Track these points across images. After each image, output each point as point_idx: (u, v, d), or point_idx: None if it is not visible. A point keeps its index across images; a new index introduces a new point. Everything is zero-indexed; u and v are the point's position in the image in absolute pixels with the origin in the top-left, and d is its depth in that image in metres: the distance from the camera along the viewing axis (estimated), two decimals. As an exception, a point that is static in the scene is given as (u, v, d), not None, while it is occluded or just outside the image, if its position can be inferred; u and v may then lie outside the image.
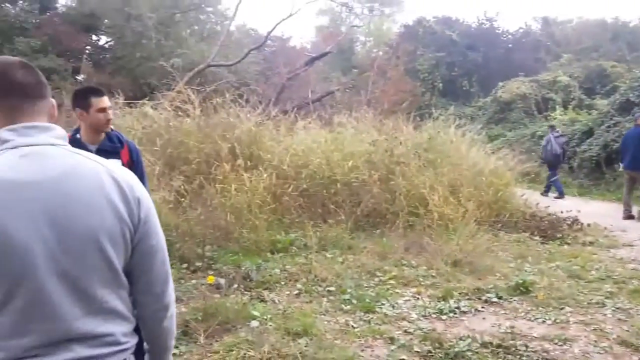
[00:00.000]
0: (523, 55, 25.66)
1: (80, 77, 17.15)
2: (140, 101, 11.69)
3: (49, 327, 1.36)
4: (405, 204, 7.75)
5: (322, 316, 4.70)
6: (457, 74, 25.13)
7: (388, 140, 8.84)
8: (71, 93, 3.57)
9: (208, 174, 7.70)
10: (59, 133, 1.47)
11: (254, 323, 4.38)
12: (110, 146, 3.34)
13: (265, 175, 7.56)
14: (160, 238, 1.56)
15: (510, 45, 27.82)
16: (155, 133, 8.56)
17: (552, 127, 14.06)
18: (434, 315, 4.79)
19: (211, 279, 5.31)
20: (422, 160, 8.78)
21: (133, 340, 1.54)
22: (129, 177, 1.50)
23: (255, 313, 4.57)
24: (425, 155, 8.97)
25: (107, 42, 21.52)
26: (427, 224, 7.37)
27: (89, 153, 1.51)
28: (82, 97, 3.26)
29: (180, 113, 9.63)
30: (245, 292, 5.24)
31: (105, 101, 3.28)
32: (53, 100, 1.53)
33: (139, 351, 1.60)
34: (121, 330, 1.48)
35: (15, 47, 15.88)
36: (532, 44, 27.59)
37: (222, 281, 5.36)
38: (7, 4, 18.47)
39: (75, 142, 3.26)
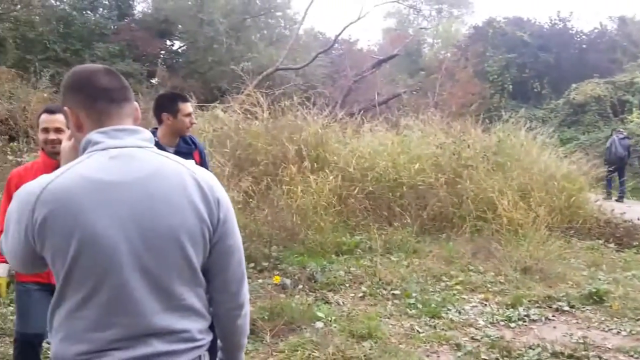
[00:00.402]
0: (598, 56, 24.51)
1: (154, 81, 17.81)
2: (211, 104, 12.06)
3: (130, 322, 1.42)
4: (472, 208, 7.60)
5: (387, 320, 4.69)
6: (528, 75, 24.31)
7: (456, 143, 8.69)
8: (153, 97, 3.76)
9: (275, 175, 7.83)
10: (146, 136, 1.55)
11: (319, 324, 4.42)
12: (186, 147, 3.50)
13: (331, 177, 7.61)
14: (237, 238, 1.61)
15: (584, 46, 26.63)
16: (225, 135, 8.79)
17: (617, 130, 13.51)
18: (502, 323, 4.67)
19: (277, 279, 5.40)
20: (490, 163, 8.58)
21: (208, 338, 1.58)
22: (209, 179, 1.55)
23: (320, 314, 4.61)
24: (494, 159, 8.76)
25: (180, 47, 22.30)
26: (495, 229, 7.20)
27: (172, 155, 1.58)
28: (171, 102, 3.43)
29: (249, 116, 9.84)
30: (310, 293, 5.29)
31: (190, 107, 3.47)
32: (136, 104, 1.60)
33: (212, 348, 1.65)
34: (197, 327, 1.53)
35: (94, 52, 16.71)
36: (607, 45, 26.29)
37: (288, 281, 5.44)
38: (89, 12, 19.48)
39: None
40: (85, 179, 1.41)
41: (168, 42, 21.78)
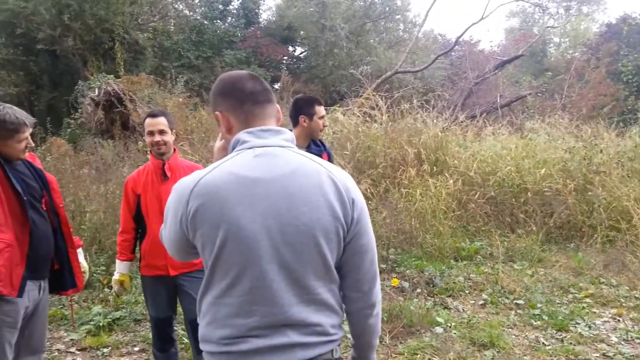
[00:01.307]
0: None
1: (276, 86, 18.47)
2: (331, 107, 12.31)
3: (269, 311, 1.52)
4: (604, 216, 7.11)
5: (510, 329, 4.54)
6: (667, 75, 22.17)
7: (587, 148, 8.18)
8: (278, 101, 3.95)
9: (393, 178, 7.84)
10: (288, 136, 1.65)
11: (438, 329, 4.38)
12: (316, 149, 3.65)
13: (450, 181, 7.48)
14: (370, 238, 1.64)
15: None
16: (345, 138, 8.93)
17: None
18: (637, 340, 4.35)
19: (395, 282, 5.41)
20: (625, 170, 7.97)
21: (340, 333, 1.63)
22: (345, 179, 1.61)
23: (439, 319, 4.57)
24: (630, 165, 8.12)
25: (301, 53, 23.00)
26: (630, 240, 6.68)
27: (312, 155, 1.67)
28: (309, 105, 3.61)
29: (368, 119, 9.91)
30: (429, 298, 5.25)
31: (323, 109, 3.61)
32: (277, 106, 1.71)
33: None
34: (330, 322, 1.59)
35: (223, 59, 17.73)
36: None
37: (406, 284, 5.44)
38: (219, 21, 20.69)
39: None
40: (232, 174, 1.53)
41: (290, 48, 22.55)
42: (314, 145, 3.67)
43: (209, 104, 13.12)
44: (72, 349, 4.57)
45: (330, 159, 3.76)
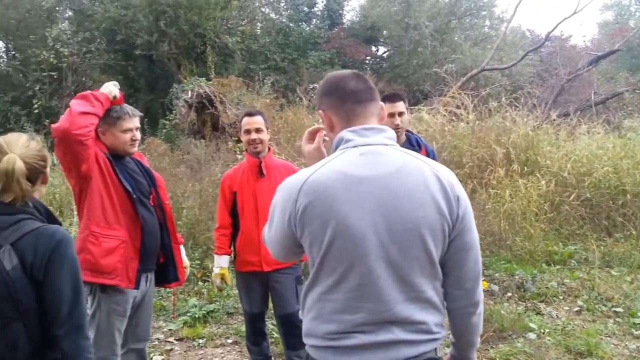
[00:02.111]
0: None
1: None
2: (416, 107, 12.19)
3: (375, 308, 1.55)
4: None
5: (608, 338, 4.35)
6: None
7: (695, 147, 7.63)
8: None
9: (481, 178, 7.66)
10: (390, 134, 1.69)
11: (531, 335, 4.27)
12: (411, 149, 3.60)
13: (542, 181, 7.22)
14: (474, 236, 1.65)
15: None
16: (430, 137, 8.82)
17: None
18: None
19: (485, 285, 5.31)
20: None
21: (443, 332, 1.65)
22: (450, 176, 1.63)
23: (532, 325, 4.45)
24: None
25: (384, 52, 22.90)
26: None
27: (415, 152, 1.69)
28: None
29: (454, 118, 9.74)
30: (520, 302, 5.12)
31: (392, 107, 3.44)
32: (382, 103, 1.75)
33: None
34: (433, 320, 1.61)
35: (308, 60, 17.99)
36: None
37: (496, 288, 5.33)
38: (304, 23, 21.02)
39: None
40: (339, 173, 1.57)
41: (373, 48, 22.51)
42: (408, 144, 3.60)
43: (294, 105, 13.48)
44: (171, 339, 4.85)
45: (430, 158, 3.69)
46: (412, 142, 3.66)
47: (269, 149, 3.68)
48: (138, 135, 3.08)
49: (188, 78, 14.68)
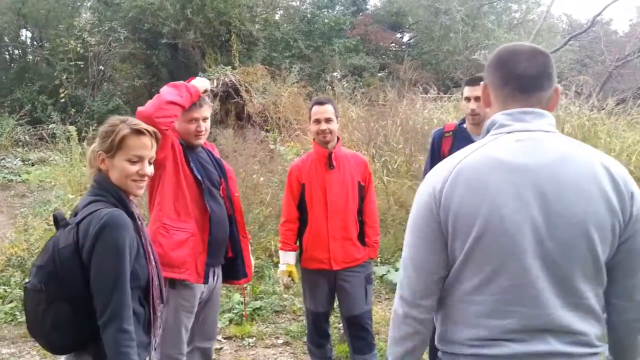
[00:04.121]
0: None
1: (380, 74, 18.00)
2: (446, 95, 11.79)
3: (529, 313, 1.35)
4: None
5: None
6: None
7: None
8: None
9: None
10: (551, 120, 1.47)
11: None
12: None
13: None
14: None
15: None
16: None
17: None
18: None
19: None
20: None
21: (604, 346, 1.45)
22: (622, 171, 1.41)
23: None
24: None
25: (411, 39, 22.38)
26: None
27: (581, 143, 1.47)
28: (464, 86, 3.29)
29: (490, 106, 9.31)
30: None
31: (470, 90, 3.16)
32: (559, 86, 1.51)
33: None
34: (594, 331, 1.40)
35: (333, 47, 17.61)
36: None
37: None
38: (328, 10, 20.63)
39: (460, 131, 3.30)
40: (493, 159, 1.39)
41: (398, 35, 22.01)
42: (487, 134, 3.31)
43: (321, 93, 13.13)
44: (218, 337, 4.60)
45: None
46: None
47: (338, 139, 3.48)
48: (205, 126, 2.94)
49: (213, 67, 14.43)
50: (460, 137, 3.26)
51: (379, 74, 17.74)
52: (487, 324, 1.38)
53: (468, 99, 3.20)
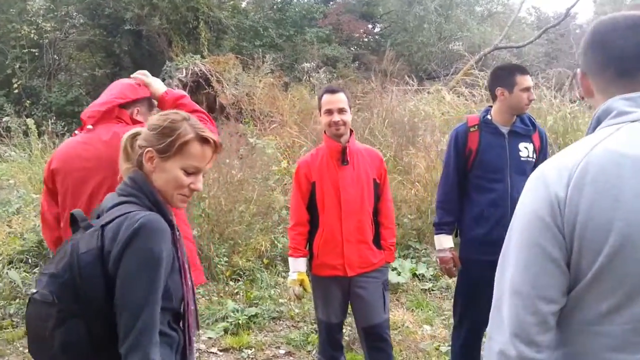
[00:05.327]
0: None
1: (353, 65, 17.73)
2: (421, 87, 11.65)
3: None
4: None
5: None
6: None
7: None
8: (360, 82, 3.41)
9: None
10: None
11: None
12: (523, 128, 3.09)
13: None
14: None
15: None
16: (457, 120, 8.33)
17: None
18: None
19: None
20: None
21: None
22: None
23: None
24: None
25: (384, 29, 22.05)
26: None
27: None
28: (507, 75, 3.04)
29: (466, 99, 9.30)
30: None
31: (529, 80, 3.02)
32: None
33: None
34: None
35: (305, 36, 17.20)
36: None
37: None
38: (299, -3, 20.07)
39: (485, 123, 3.11)
40: (621, 156, 1.12)
41: (370, 25, 21.69)
42: (520, 123, 3.08)
43: (296, 83, 12.81)
44: (214, 349, 4.27)
45: (543, 142, 3.17)
46: (524, 122, 3.12)
47: (351, 131, 3.14)
48: None
49: (181, 56, 13.84)
50: (486, 130, 3.09)
51: (353, 65, 17.45)
52: (611, 359, 1.13)
53: (527, 88, 3.00)
